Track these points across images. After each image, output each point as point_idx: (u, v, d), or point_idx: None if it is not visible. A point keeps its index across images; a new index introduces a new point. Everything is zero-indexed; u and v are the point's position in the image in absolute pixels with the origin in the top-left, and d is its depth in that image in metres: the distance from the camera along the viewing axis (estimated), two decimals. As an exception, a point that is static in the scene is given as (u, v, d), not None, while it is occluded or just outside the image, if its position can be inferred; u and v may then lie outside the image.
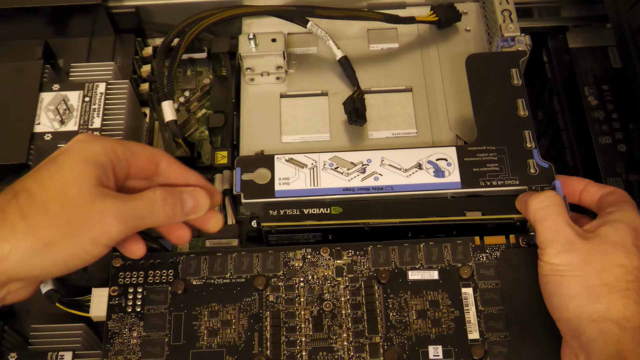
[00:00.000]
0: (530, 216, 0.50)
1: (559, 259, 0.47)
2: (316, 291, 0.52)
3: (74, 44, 0.71)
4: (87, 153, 0.46)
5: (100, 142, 0.47)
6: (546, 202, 0.50)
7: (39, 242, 0.43)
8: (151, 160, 0.50)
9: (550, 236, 0.48)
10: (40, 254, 0.43)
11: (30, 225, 0.43)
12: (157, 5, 0.72)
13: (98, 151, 0.46)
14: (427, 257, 0.53)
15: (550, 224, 0.49)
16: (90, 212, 0.44)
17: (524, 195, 0.52)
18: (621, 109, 0.69)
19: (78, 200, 0.44)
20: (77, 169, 0.45)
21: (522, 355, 0.49)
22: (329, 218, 0.54)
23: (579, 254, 0.47)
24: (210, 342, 0.51)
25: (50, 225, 0.43)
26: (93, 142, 0.47)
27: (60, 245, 0.43)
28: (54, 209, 0.43)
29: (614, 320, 0.45)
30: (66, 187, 0.44)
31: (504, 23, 0.62)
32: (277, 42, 0.64)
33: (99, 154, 0.46)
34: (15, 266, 0.43)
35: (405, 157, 0.56)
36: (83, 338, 0.55)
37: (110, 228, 0.45)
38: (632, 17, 0.61)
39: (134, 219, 0.46)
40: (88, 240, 0.44)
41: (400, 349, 0.50)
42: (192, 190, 0.50)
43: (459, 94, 0.63)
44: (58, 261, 0.44)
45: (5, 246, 0.42)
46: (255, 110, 0.64)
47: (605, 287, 0.46)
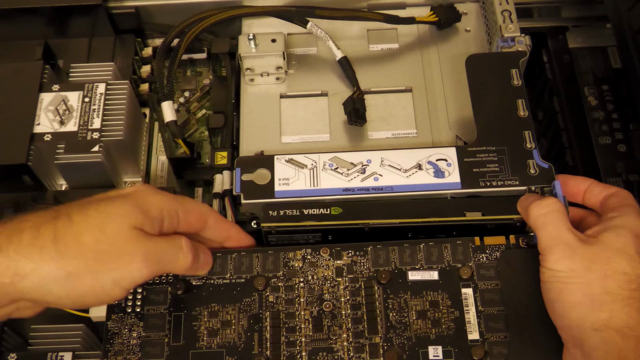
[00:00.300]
0: (532, 222, 0.50)
1: (560, 265, 0.47)
2: (316, 291, 0.52)
3: (73, 44, 0.71)
4: (142, 202, 0.46)
5: (158, 197, 0.47)
6: (547, 209, 0.49)
7: (61, 271, 0.42)
8: (201, 218, 0.50)
9: (551, 242, 0.48)
10: (59, 283, 0.43)
11: (59, 251, 0.42)
12: (157, 6, 0.72)
13: (154, 204, 0.47)
14: (427, 258, 0.52)
15: (550, 230, 0.48)
16: (121, 252, 0.44)
17: (526, 199, 0.52)
18: (621, 109, 0.69)
19: (113, 238, 0.44)
20: (124, 210, 0.45)
21: (522, 355, 0.49)
22: (329, 219, 0.54)
23: (580, 260, 0.46)
24: (210, 343, 0.51)
25: (78, 256, 0.43)
26: (152, 194, 0.47)
27: (81, 278, 0.43)
28: (87, 241, 0.43)
29: (617, 329, 0.44)
30: (106, 222, 0.44)
31: (504, 23, 0.62)
32: (277, 42, 0.64)
33: (153, 207, 0.47)
34: (32, 287, 0.42)
35: (405, 157, 0.56)
36: (83, 338, 0.55)
37: (135, 272, 0.45)
38: (633, 17, 0.61)
39: (159, 264, 0.46)
40: (110, 279, 0.44)
41: (400, 350, 0.50)
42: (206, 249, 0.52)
43: (459, 95, 0.63)
44: (74, 294, 0.43)
45: (28, 265, 0.42)
46: (255, 111, 0.64)
47: (608, 295, 0.45)
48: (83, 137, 0.60)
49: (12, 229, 0.43)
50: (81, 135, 0.60)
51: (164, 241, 0.47)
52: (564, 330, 0.47)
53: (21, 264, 0.42)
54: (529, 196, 0.53)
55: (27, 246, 0.42)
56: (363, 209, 0.54)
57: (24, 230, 0.43)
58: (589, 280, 0.46)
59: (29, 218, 0.44)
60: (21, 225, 0.43)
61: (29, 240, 0.42)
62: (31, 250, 0.42)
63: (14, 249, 0.42)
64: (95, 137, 0.60)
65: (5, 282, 0.42)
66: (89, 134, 0.60)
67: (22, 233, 0.42)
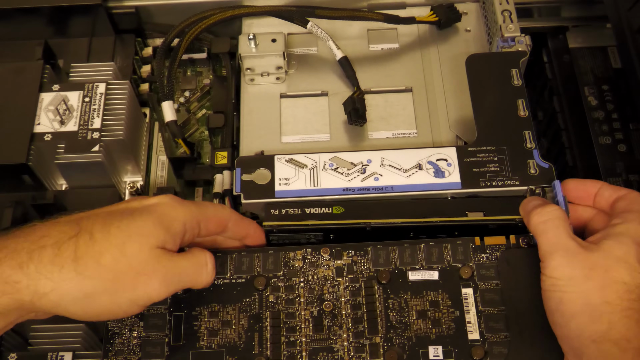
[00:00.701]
0: (532, 229, 0.50)
1: (560, 271, 0.46)
2: (316, 291, 0.52)
3: (74, 44, 0.71)
4: (165, 219, 0.46)
5: (182, 210, 0.47)
6: (548, 216, 0.49)
7: (80, 292, 0.43)
8: (221, 223, 0.51)
9: (550, 247, 0.47)
10: (77, 303, 0.43)
11: (79, 272, 0.43)
12: (157, 6, 0.72)
13: (177, 219, 0.47)
14: (427, 258, 0.52)
15: (550, 236, 0.48)
16: (139, 273, 0.44)
17: (528, 204, 0.52)
18: (621, 109, 0.69)
19: (133, 259, 0.44)
20: (146, 230, 0.45)
21: (522, 355, 0.49)
22: (330, 218, 0.54)
23: (580, 267, 0.46)
24: (211, 343, 0.51)
25: (97, 277, 0.43)
26: (177, 208, 0.47)
27: (99, 298, 0.43)
28: (106, 262, 0.43)
29: (615, 341, 0.44)
30: (127, 243, 0.44)
31: (504, 23, 0.62)
32: (277, 42, 0.64)
33: (176, 222, 0.47)
34: (51, 306, 0.43)
35: (405, 157, 0.56)
36: (83, 338, 0.55)
37: (152, 292, 0.45)
38: (632, 17, 0.61)
39: (179, 282, 0.47)
40: (127, 299, 0.44)
41: (400, 350, 0.50)
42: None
43: (459, 94, 0.63)
44: (91, 312, 0.44)
45: (48, 284, 0.42)
46: (255, 111, 0.64)
47: (607, 305, 0.45)
48: (83, 136, 0.60)
49: (33, 245, 0.43)
50: (81, 135, 0.60)
51: (185, 260, 0.47)
52: (564, 340, 0.47)
53: (41, 283, 0.42)
54: (532, 199, 0.52)
55: (48, 264, 0.42)
56: (365, 208, 0.54)
57: (45, 247, 0.43)
58: (587, 289, 0.45)
59: (51, 233, 0.44)
60: (42, 242, 0.43)
61: (50, 258, 0.42)
62: (52, 269, 0.42)
63: (34, 267, 0.42)
64: (96, 136, 0.60)
65: (25, 300, 0.42)
66: (89, 133, 0.60)
67: (44, 250, 0.42)
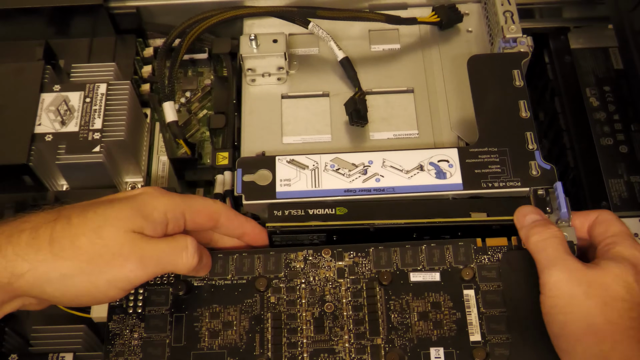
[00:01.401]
0: (531, 247, 0.50)
1: (559, 289, 0.46)
2: (317, 293, 0.52)
3: (74, 44, 0.71)
4: (143, 206, 0.46)
5: (163, 200, 0.47)
6: (547, 235, 0.49)
7: (55, 272, 0.43)
8: (211, 217, 0.51)
9: (549, 263, 0.47)
10: (54, 284, 0.43)
11: (54, 253, 0.43)
12: (158, 6, 0.72)
13: (157, 208, 0.47)
14: (428, 259, 0.52)
15: (550, 252, 0.48)
16: (115, 255, 0.44)
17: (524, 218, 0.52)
18: (623, 110, 0.69)
19: (108, 240, 0.44)
20: (123, 214, 0.45)
21: (523, 357, 0.49)
22: (334, 219, 0.54)
23: (578, 283, 0.46)
24: (212, 344, 0.51)
25: (72, 258, 0.43)
26: (157, 197, 0.47)
27: (75, 279, 0.44)
28: (82, 244, 0.44)
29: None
30: (103, 226, 0.44)
31: (505, 24, 0.62)
32: (279, 42, 0.64)
33: (156, 211, 0.47)
34: (28, 287, 0.43)
35: (406, 158, 0.56)
36: (84, 339, 0.55)
37: (129, 274, 0.45)
38: (634, 18, 0.61)
39: (157, 266, 0.46)
40: (104, 280, 0.44)
41: (401, 351, 0.50)
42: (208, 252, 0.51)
43: (460, 95, 0.63)
44: (69, 294, 0.44)
45: (24, 265, 0.43)
46: (257, 111, 0.64)
47: (610, 325, 0.45)
48: (84, 137, 0.60)
49: (13, 229, 0.44)
50: (82, 135, 0.60)
51: (164, 243, 0.47)
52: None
53: (18, 265, 0.43)
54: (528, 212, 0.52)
55: (25, 247, 0.43)
56: (368, 209, 0.54)
57: (24, 231, 0.44)
58: (589, 309, 0.45)
59: (30, 219, 0.45)
60: (22, 226, 0.44)
61: (27, 241, 0.43)
62: (28, 251, 0.43)
63: (12, 249, 0.43)
64: (97, 137, 0.60)
65: (4, 281, 0.43)
66: (90, 134, 0.60)
67: (22, 234, 0.43)
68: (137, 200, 0.47)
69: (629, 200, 0.64)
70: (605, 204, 0.64)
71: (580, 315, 0.45)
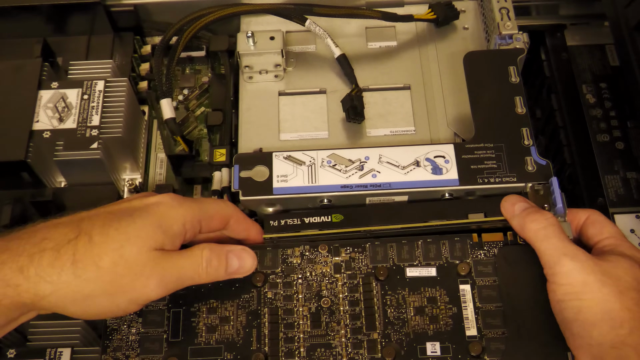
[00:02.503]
0: (531, 235, 0.50)
1: (573, 277, 0.46)
2: (314, 288, 0.52)
3: (72, 42, 0.71)
4: (164, 220, 0.47)
5: (182, 211, 0.48)
6: (545, 222, 0.49)
7: (79, 293, 0.43)
8: (223, 220, 0.51)
9: (557, 252, 0.47)
10: (77, 304, 0.44)
11: (77, 275, 0.43)
12: (155, 4, 0.72)
13: (177, 220, 0.47)
14: (425, 254, 0.53)
15: (555, 241, 0.48)
16: (137, 275, 0.45)
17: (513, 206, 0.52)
18: (619, 107, 0.70)
19: (130, 262, 0.44)
20: (145, 232, 0.45)
21: (519, 351, 0.49)
22: (330, 226, 0.54)
23: (591, 272, 0.46)
24: (209, 339, 0.51)
25: (95, 280, 0.44)
26: (176, 208, 0.48)
27: (98, 300, 0.44)
28: (104, 265, 0.44)
29: (633, 346, 0.44)
30: (125, 246, 0.45)
31: (501, 21, 0.62)
32: (276, 40, 0.64)
33: (176, 224, 0.47)
34: (51, 307, 0.44)
35: (403, 154, 0.56)
36: (81, 334, 0.55)
37: (150, 293, 0.46)
38: (630, 14, 0.62)
39: (177, 282, 0.47)
40: (126, 300, 0.45)
41: (398, 346, 0.50)
42: (240, 251, 0.50)
43: (457, 92, 0.63)
44: (90, 313, 0.45)
45: (47, 287, 0.43)
46: (254, 108, 0.64)
47: (627, 311, 0.45)
48: (82, 134, 0.60)
49: (34, 249, 0.43)
50: (80, 132, 0.60)
51: (183, 259, 0.47)
52: (584, 349, 0.46)
53: (41, 286, 0.43)
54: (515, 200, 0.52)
55: (47, 268, 0.43)
56: (364, 215, 0.54)
57: (45, 250, 0.43)
58: (605, 294, 0.45)
59: (52, 236, 0.44)
60: (43, 245, 0.44)
61: (49, 261, 0.43)
62: (51, 272, 0.43)
63: (34, 270, 0.43)
64: (94, 134, 0.60)
65: (27, 302, 0.43)
66: (87, 131, 0.60)
67: (44, 253, 0.43)
68: (157, 213, 0.47)
69: (625, 196, 0.64)
70: (602, 200, 0.64)
71: (596, 302, 0.45)
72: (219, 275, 0.49)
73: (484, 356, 0.49)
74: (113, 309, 0.45)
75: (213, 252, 0.49)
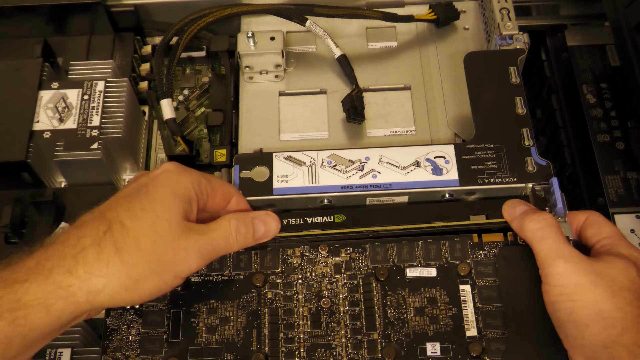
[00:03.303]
0: (528, 235, 0.50)
1: (566, 278, 0.46)
2: (314, 288, 0.52)
3: (73, 42, 0.71)
4: (177, 186, 0.48)
5: (188, 176, 0.49)
6: (544, 223, 0.49)
7: (130, 279, 0.44)
8: (225, 196, 0.52)
9: (552, 253, 0.48)
10: (130, 290, 0.44)
11: (124, 262, 0.44)
12: (156, 4, 0.72)
13: (187, 184, 0.48)
14: (425, 255, 0.53)
15: (550, 242, 0.48)
16: (177, 250, 0.46)
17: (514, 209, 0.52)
18: (619, 107, 0.70)
19: (167, 237, 0.46)
20: (168, 203, 0.46)
21: (519, 352, 0.49)
22: (332, 227, 0.54)
23: (584, 273, 0.46)
24: (209, 339, 0.51)
25: (141, 262, 0.44)
26: (182, 174, 0.49)
27: (148, 280, 0.45)
28: (145, 246, 0.45)
29: (625, 346, 0.44)
30: (157, 222, 0.46)
31: (502, 21, 0.62)
32: (276, 40, 0.64)
33: (187, 188, 0.48)
34: (107, 300, 0.44)
35: (403, 155, 0.56)
36: (81, 335, 0.55)
37: (192, 264, 0.47)
38: (630, 15, 0.61)
39: (212, 252, 0.48)
40: (172, 275, 0.46)
41: (398, 346, 0.50)
42: (265, 216, 0.52)
43: (457, 92, 0.63)
44: (144, 295, 0.45)
45: (100, 281, 0.43)
46: (254, 109, 0.64)
47: (619, 312, 0.45)
48: (82, 134, 0.60)
49: (75, 249, 0.44)
50: (80, 132, 0.60)
51: (214, 230, 0.48)
52: (577, 349, 0.46)
53: (93, 282, 0.43)
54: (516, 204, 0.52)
55: (94, 263, 0.43)
56: (367, 215, 0.54)
57: (86, 248, 0.44)
58: (597, 295, 0.45)
59: (86, 233, 0.45)
60: (82, 244, 0.44)
61: (94, 257, 0.44)
62: (99, 267, 0.44)
63: (82, 269, 0.43)
64: (95, 134, 0.60)
65: (81, 301, 0.43)
66: (88, 131, 0.60)
67: (86, 251, 0.44)
68: (169, 183, 0.48)
69: (626, 196, 0.64)
70: (602, 200, 0.64)
71: (589, 302, 0.45)
72: (247, 242, 0.51)
73: (484, 356, 0.49)
74: (162, 287, 0.46)
75: (239, 220, 0.50)
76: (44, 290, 0.42)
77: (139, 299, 0.46)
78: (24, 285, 0.42)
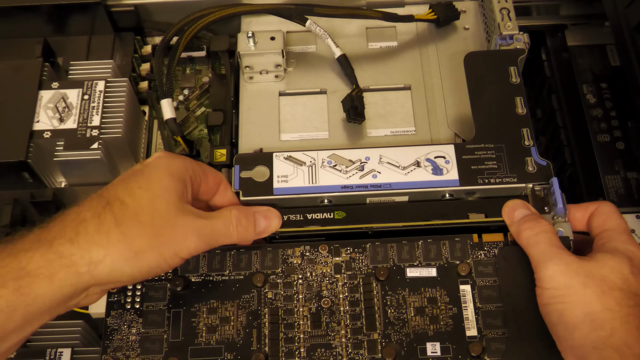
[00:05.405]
0: (523, 242, 0.50)
1: (556, 281, 0.47)
2: (314, 288, 0.52)
3: (73, 42, 0.71)
4: (171, 168, 0.48)
5: (180, 159, 0.50)
6: (538, 229, 0.50)
7: (130, 250, 0.44)
8: (216, 182, 0.53)
9: (543, 257, 0.48)
10: (130, 262, 0.45)
11: (124, 233, 0.44)
12: (156, 4, 0.72)
13: (180, 167, 0.49)
14: (425, 255, 0.53)
15: (543, 246, 0.48)
16: (175, 226, 0.46)
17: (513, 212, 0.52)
18: (619, 107, 0.70)
19: (165, 213, 0.46)
20: (164, 183, 0.47)
21: (519, 352, 0.49)
22: (332, 223, 0.54)
23: (575, 275, 0.46)
24: (209, 339, 0.51)
25: (141, 234, 0.45)
26: (175, 158, 0.50)
27: (148, 254, 0.45)
28: (145, 220, 0.45)
29: (615, 347, 0.44)
30: (155, 200, 0.46)
31: (502, 21, 0.62)
32: (276, 40, 0.64)
33: (181, 170, 0.49)
34: (107, 271, 0.44)
35: (403, 155, 0.56)
36: (82, 335, 0.56)
37: (190, 244, 0.47)
38: (630, 15, 0.62)
39: (211, 237, 0.49)
40: (172, 252, 0.46)
41: (398, 346, 0.50)
42: (266, 211, 0.53)
43: (457, 92, 0.63)
44: (143, 269, 0.46)
45: (100, 251, 0.44)
46: (254, 109, 0.64)
47: (608, 312, 0.45)
48: (82, 134, 0.60)
49: (75, 222, 0.45)
50: (80, 132, 0.60)
51: (215, 218, 0.49)
52: (567, 351, 0.46)
53: (94, 252, 0.44)
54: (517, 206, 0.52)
55: (95, 234, 0.44)
56: (366, 212, 0.54)
57: (86, 220, 0.45)
58: (586, 296, 0.45)
59: (85, 209, 0.45)
60: (81, 217, 0.45)
61: (95, 228, 0.44)
62: (100, 237, 0.44)
63: (83, 239, 0.44)
64: (95, 134, 0.60)
65: (82, 271, 0.43)
66: (88, 131, 0.60)
67: (86, 223, 0.44)
68: (163, 165, 0.48)
69: (626, 196, 0.64)
70: (602, 200, 0.64)
71: (578, 304, 0.46)
72: (248, 234, 0.51)
73: (484, 356, 0.49)
74: (161, 264, 0.46)
75: (241, 212, 0.51)
76: (47, 259, 0.43)
77: (139, 274, 0.46)
78: (28, 254, 0.43)
